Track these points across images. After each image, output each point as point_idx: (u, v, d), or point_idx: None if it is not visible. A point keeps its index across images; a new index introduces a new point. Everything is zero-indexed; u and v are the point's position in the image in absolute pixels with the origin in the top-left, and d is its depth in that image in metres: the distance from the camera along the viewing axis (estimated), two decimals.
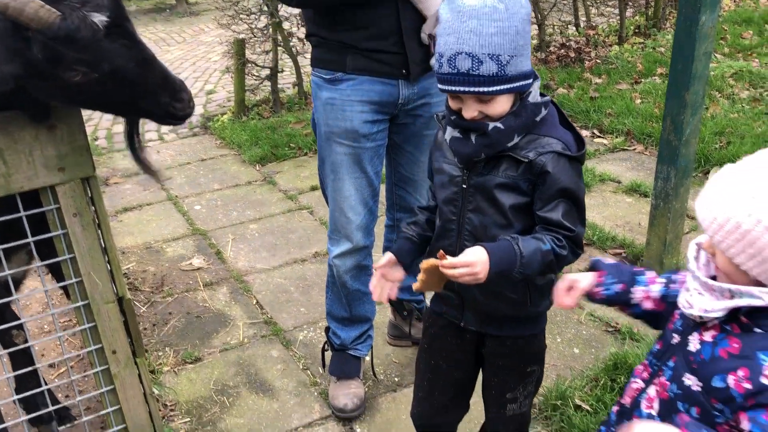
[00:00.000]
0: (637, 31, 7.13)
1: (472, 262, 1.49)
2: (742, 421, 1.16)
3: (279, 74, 5.78)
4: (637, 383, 1.41)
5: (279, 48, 5.66)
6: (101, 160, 5.03)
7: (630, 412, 1.40)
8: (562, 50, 6.38)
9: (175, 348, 2.97)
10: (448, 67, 1.49)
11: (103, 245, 1.71)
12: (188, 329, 3.10)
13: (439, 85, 1.56)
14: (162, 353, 2.94)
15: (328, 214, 2.44)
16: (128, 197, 4.44)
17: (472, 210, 1.67)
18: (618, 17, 6.96)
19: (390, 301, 2.82)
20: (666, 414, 1.29)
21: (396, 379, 2.74)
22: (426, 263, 1.57)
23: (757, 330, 1.17)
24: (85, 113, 1.71)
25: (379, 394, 2.65)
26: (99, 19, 1.40)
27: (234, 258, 3.67)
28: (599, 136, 4.96)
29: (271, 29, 5.61)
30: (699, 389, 1.22)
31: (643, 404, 1.36)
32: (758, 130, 4.63)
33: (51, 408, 1.87)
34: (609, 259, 1.56)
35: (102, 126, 5.88)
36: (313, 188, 4.39)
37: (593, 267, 1.54)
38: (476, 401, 1.98)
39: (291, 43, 5.61)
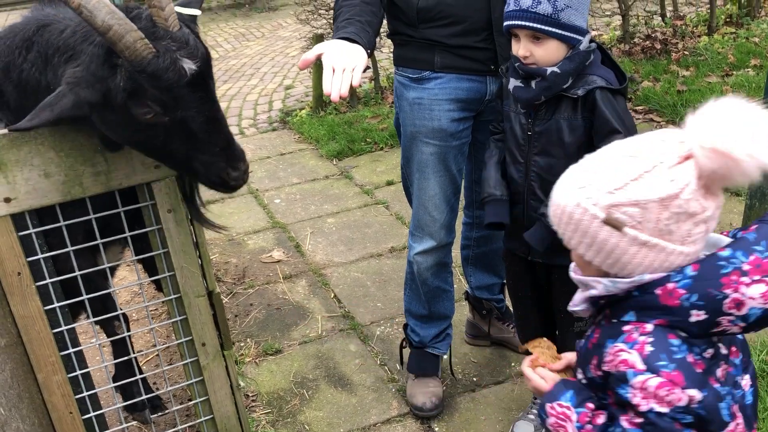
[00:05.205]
0: (728, 20, 6.77)
1: None
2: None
3: None
4: None
5: None
6: None
7: None
8: (647, 42, 6.13)
9: (256, 339, 3.04)
10: (513, 4, 1.79)
11: (195, 240, 1.76)
12: (269, 321, 3.17)
13: (505, 23, 1.84)
14: (243, 344, 3.01)
15: (412, 212, 2.43)
16: (210, 190, 4.55)
17: (538, 153, 1.92)
18: (708, 6, 6.64)
19: (468, 299, 2.82)
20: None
21: (474, 378, 2.71)
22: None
23: (614, 320, 1.20)
24: None
25: (458, 394, 2.63)
26: (188, 66, 1.38)
27: (312, 251, 3.72)
28: None
29: None
30: (585, 381, 1.30)
31: None
32: None
33: (145, 396, 1.94)
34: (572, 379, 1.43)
35: None
36: (389, 183, 4.39)
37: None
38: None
39: None
